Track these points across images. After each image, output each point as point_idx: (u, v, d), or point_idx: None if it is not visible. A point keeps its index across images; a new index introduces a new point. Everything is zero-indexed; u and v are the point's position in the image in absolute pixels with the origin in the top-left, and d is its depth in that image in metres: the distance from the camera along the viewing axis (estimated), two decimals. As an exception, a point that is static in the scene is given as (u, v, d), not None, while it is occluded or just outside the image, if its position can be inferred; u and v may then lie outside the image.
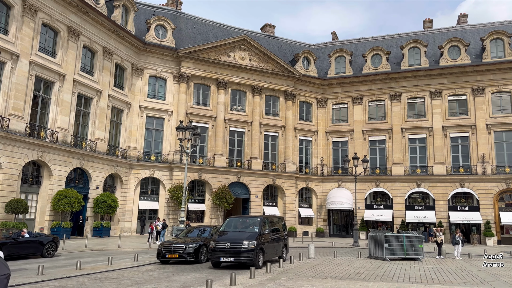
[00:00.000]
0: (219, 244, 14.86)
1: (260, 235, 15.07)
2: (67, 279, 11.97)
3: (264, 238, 15.40)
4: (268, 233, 15.98)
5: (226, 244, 14.66)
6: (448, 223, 35.10)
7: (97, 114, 29.88)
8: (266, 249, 15.41)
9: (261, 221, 15.81)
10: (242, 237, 14.78)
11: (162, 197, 34.24)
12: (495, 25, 39.38)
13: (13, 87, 23.16)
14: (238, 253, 14.44)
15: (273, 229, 16.84)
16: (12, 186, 22.96)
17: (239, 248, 14.48)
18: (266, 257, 15.30)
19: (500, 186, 34.63)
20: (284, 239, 17.96)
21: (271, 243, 16.17)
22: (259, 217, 16.78)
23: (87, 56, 29.75)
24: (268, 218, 17.06)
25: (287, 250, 18.23)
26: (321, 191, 40.43)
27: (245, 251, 14.40)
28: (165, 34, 35.98)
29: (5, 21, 23.46)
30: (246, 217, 18.51)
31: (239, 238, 14.76)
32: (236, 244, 14.58)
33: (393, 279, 13.05)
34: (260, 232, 15.23)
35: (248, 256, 14.40)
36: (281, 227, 18.07)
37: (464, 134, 36.65)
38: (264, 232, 15.54)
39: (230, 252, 14.53)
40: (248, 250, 14.39)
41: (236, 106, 38.61)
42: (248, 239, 14.59)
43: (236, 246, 14.55)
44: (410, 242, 19.31)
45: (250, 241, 14.52)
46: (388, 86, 39.55)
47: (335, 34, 47.92)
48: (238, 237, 14.95)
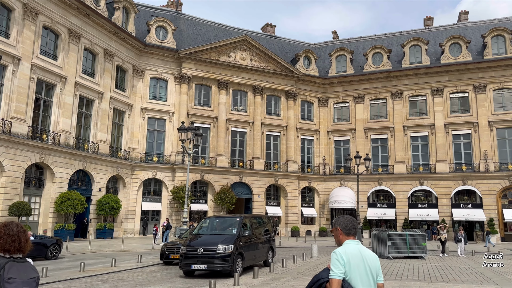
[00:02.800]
0: (190, 249, 12.87)
1: (239, 238, 13.22)
2: (71, 281, 12.01)
3: (244, 241, 13.54)
4: (249, 235, 14.05)
5: (198, 249, 12.68)
6: (451, 221, 35.03)
7: (99, 116, 29.93)
8: (247, 254, 13.54)
9: (240, 222, 13.92)
10: (217, 241, 12.88)
11: (164, 198, 34.29)
12: (496, 21, 39.25)
13: (15, 90, 23.22)
14: (211, 260, 12.52)
15: (256, 231, 14.95)
16: (15, 188, 23.03)
17: (213, 253, 12.53)
18: (246, 263, 13.56)
19: (503, 183, 34.54)
20: (270, 241, 15.93)
21: (253, 246, 14.32)
22: (238, 216, 14.92)
23: (88, 58, 29.82)
24: (250, 218, 15.32)
25: (274, 253, 16.33)
26: (324, 191, 40.41)
27: (220, 257, 12.48)
28: (166, 35, 36.02)
29: (6, 25, 23.53)
30: (224, 217, 16.53)
31: (213, 242, 12.88)
32: (209, 249, 12.65)
33: (397, 277, 13.04)
34: (239, 234, 13.37)
35: (223, 263, 12.50)
36: (269, 228, 16.35)
37: (466, 131, 36.57)
38: (244, 234, 13.65)
39: (202, 259, 12.55)
40: (224, 256, 12.48)
41: (238, 106, 38.62)
42: (224, 243, 12.70)
43: (209, 251, 12.61)
44: (413, 240, 19.29)
45: (226, 245, 12.61)
46: (390, 84, 39.50)
47: (335, 33, 47.88)
48: (212, 240, 13.08)
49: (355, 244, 3.43)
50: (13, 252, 3.09)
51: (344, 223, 3.56)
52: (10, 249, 3.08)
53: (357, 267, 3.31)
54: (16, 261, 3.04)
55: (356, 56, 42.33)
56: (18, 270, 2.98)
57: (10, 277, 2.91)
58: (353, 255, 3.35)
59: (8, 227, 3.13)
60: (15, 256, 3.08)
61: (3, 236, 3.09)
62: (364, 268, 3.33)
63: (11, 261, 3.02)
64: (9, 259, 3.03)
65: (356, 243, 3.46)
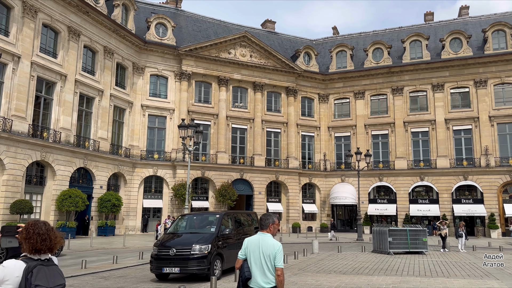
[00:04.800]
0: (162, 249, 11.57)
1: (218, 237, 11.88)
2: (72, 278, 12.04)
3: (224, 241, 12.18)
4: (230, 233, 12.65)
5: (171, 250, 11.36)
6: (452, 216, 35.05)
7: (99, 113, 29.94)
8: (228, 255, 12.00)
9: (220, 219, 12.51)
10: (192, 240, 11.54)
11: (165, 195, 34.34)
12: (496, 16, 39.11)
13: (15, 88, 23.23)
14: (185, 262, 11.17)
15: (240, 229, 13.49)
16: (16, 187, 23.08)
17: (187, 254, 11.20)
18: (227, 265, 12.08)
19: (504, 178, 34.52)
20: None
21: (236, 246, 12.33)
22: (219, 213, 13.49)
23: (88, 56, 29.79)
24: (233, 215, 13.95)
25: None
26: (325, 187, 40.43)
27: (195, 259, 11.12)
28: (166, 32, 35.95)
29: (6, 23, 23.51)
30: (203, 214, 15.17)
31: (188, 242, 11.54)
32: (183, 249, 11.33)
33: (397, 272, 13.07)
34: (219, 233, 12.02)
35: (198, 265, 11.13)
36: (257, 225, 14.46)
37: (467, 126, 36.52)
38: (224, 233, 12.29)
39: (175, 261, 11.19)
40: (199, 257, 11.12)
41: (238, 103, 38.60)
42: (200, 243, 11.35)
43: (183, 252, 11.28)
44: (414, 235, 19.31)
45: (202, 245, 11.28)
46: (390, 80, 39.42)
47: (336, 28, 47.74)
48: (187, 240, 11.76)
49: (260, 235, 4.48)
50: (44, 251, 3.00)
51: (260, 220, 4.63)
52: (41, 249, 2.98)
53: (253, 252, 4.41)
54: (43, 264, 2.94)
55: (356, 52, 42.22)
56: (45, 276, 2.89)
57: (38, 284, 2.83)
58: (251, 243, 4.47)
59: (37, 226, 3.02)
60: (43, 258, 2.98)
61: (33, 236, 2.97)
62: (258, 253, 4.37)
63: (39, 264, 2.92)
64: (37, 262, 2.93)
65: (262, 235, 4.48)
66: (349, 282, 11.13)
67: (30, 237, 2.97)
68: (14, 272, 2.85)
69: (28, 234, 2.98)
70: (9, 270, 2.86)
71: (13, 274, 2.85)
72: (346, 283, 10.96)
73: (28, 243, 2.97)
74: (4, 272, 2.85)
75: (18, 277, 2.85)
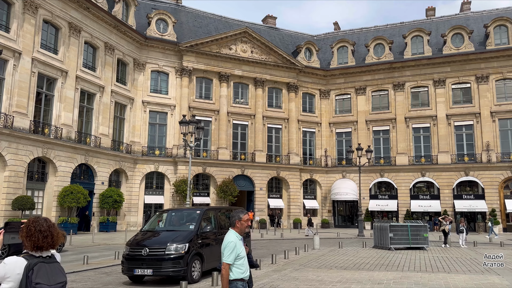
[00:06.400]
0: (134, 249, 10.52)
1: (197, 235, 10.86)
2: (74, 274, 12.09)
3: (205, 239, 11.18)
4: (212, 231, 11.54)
5: (144, 249, 10.33)
6: (453, 212, 35.06)
7: (100, 109, 29.94)
8: (209, 255, 11.04)
9: (201, 216, 11.47)
10: (167, 239, 10.57)
11: (167, 191, 34.41)
12: (498, 11, 38.92)
13: (16, 85, 23.23)
14: (159, 262, 10.16)
15: (223, 226, 12.34)
16: (18, 183, 23.14)
17: (161, 254, 10.18)
18: (207, 265, 11.07)
19: (505, 174, 34.50)
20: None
21: (217, 245, 10.87)
22: (200, 209, 12.38)
23: (89, 52, 29.76)
24: (216, 211, 12.92)
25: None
26: (326, 183, 40.45)
27: (170, 259, 10.11)
28: (166, 28, 35.88)
29: (6, 19, 23.48)
30: (182, 210, 14.04)
31: (163, 241, 10.58)
32: (157, 249, 10.33)
33: (398, 268, 13.10)
34: (198, 230, 10.98)
35: (173, 267, 10.12)
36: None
37: (469, 122, 36.45)
38: (205, 231, 11.18)
39: (148, 261, 10.17)
40: (175, 258, 10.12)
41: (239, 99, 38.57)
42: (176, 242, 10.35)
43: (157, 252, 10.26)
44: (415, 231, 19.33)
45: (179, 244, 10.27)
46: (391, 75, 39.33)
47: (337, 24, 47.59)
48: (163, 239, 10.78)
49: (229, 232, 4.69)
50: (46, 248, 2.97)
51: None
52: (43, 246, 2.94)
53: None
54: (45, 262, 2.91)
55: (357, 48, 42.09)
56: (46, 274, 2.87)
57: (38, 282, 2.80)
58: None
59: (38, 223, 2.98)
60: (44, 255, 2.95)
61: (34, 233, 2.93)
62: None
63: (41, 262, 2.89)
64: (38, 260, 2.90)
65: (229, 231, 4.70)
66: (350, 277, 11.16)
67: (32, 235, 2.93)
68: (15, 269, 2.83)
69: (30, 232, 2.95)
70: (10, 267, 2.83)
71: (14, 271, 2.83)
72: (347, 278, 10.99)
73: (30, 240, 2.94)
74: (6, 269, 2.82)
75: (19, 274, 2.82)
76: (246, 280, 4.65)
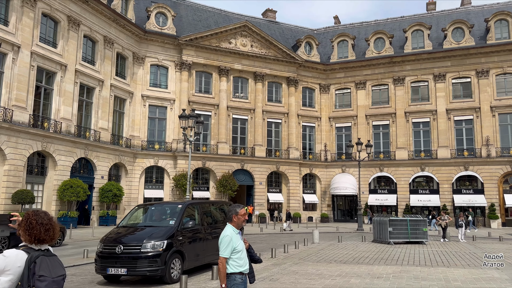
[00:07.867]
0: (108, 246, 9.74)
1: (178, 231, 10.11)
2: (74, 268, 12.14)
3: (186, 236, 10.38)
4: (194, 227, 10.78)
5: (118, 246, 9.50)
6: (452, 207, 35.14)
7: (99, 103, 29.88)
8: (190, 252, 10.39)
9: (182, 210, 10.70)
10: (144, 236, 9.78)
11: (166, 185, 34.44)
12: (499, 5, 38.77)
13: (15, 78, 23.15)
14: (134, 261, 9.37)
15: (209, 221, 11.73)
16: (17, 177, 23.13)
17: (136, 252, 9.40)
18: (189, 264, 10.40)
19: (504, 169, 34.54)
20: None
21: (202, 242, 10.96)
22: (181, 203, 11.51)
23: (88, 45, 29.63)
24: (200, 205, 11.89)
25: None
26: (325, 177, 40.49)
27: (146, 258, 9.34)
28: (166, 22, 35.72)
29: (5, 12, 23.34)
30: (162, 205, 13.25)
31: (139, 238, 9.80)
32: (132, 246, 9.53)
33: (397, 262, 13.14)
34: (179, 226, 10.23)
35: (150, 266, 9.33)
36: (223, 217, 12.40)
37: (468, 117, 36.43)
38: (186, 227, 10.44)
39: (122, 260, 9.38)
40: (152, 256, 9.36)
41: (239, 94, 38.49)
42: (154, 238, 9.59)
43: (132, 249, 9.47)
44: (414, 225, 19.39)
45: (156, 241, 9.51)
46: (392, 70, 39.24)
47: (337, 18, 47.38)
48: (139, 235, 9.97)
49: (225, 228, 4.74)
50: (47, 241, 2.95)
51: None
52: (45, 239, 2.93)
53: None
54: (45, 255, 2.90)
55: (358, 42, 41.94)
56: (48, 267, 2.86)
57: (42, 274, 2.79)
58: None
59: (39, 216, 2.97)
60: (43, 248, 2.94)
61: (36, 226, 2.92)
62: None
63: (41, 255, 2.88)
64: (39, 253, 2.88)
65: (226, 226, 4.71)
66: (350, 271, 11.20)
67: (33, 227, 2.91)
68: (16, 262, 2.81)
69: (31, 225, 2.92)
70: (10, 260, 2.81)
71: (15, 264, 2.81)
72: (347, 272, 11.03)
73: (31, 233, 2.92)
74: (6, 262, 2.80)
75: (20, 267, 2.81)
76: (245, 274, 4.65)
